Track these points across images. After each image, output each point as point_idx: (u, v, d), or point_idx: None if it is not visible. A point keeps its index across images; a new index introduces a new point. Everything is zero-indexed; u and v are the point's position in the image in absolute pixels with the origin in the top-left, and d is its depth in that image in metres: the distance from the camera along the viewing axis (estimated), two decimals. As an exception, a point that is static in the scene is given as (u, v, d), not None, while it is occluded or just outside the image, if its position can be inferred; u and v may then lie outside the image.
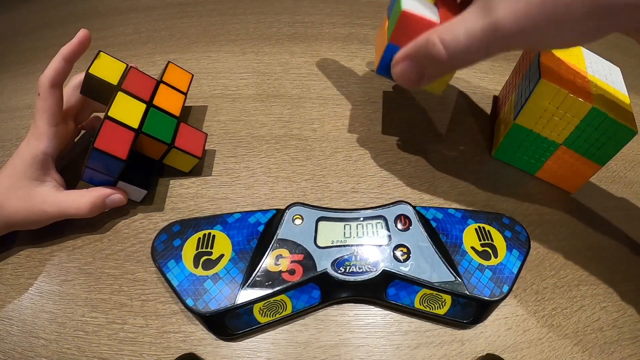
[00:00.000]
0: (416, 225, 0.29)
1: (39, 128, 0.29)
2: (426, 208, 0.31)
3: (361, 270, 0.27)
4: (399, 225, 0.28)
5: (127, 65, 0.32)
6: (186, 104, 0.36)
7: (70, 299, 0.28)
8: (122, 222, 0.31)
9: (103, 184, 0.30)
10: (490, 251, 0.29)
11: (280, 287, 0.26)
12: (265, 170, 0.34)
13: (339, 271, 0.27)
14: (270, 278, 0.26)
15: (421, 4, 0.28)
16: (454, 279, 0.27)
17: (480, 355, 0.26)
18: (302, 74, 0.42)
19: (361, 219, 0.29)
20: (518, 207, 0.34)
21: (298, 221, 0.28)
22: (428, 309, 0.27)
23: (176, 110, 0.32)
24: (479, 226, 0.30)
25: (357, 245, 0.28)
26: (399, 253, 0.27)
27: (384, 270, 0.27)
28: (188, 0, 0.52)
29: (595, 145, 0.30)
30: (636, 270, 0.31)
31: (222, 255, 0.27)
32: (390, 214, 0.29)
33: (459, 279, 0.27)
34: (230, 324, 0.26)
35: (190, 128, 0.33)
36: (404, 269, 0.27)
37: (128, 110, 0.29)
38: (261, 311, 0.26)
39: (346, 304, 0.28)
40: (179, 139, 0.31)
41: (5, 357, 0.26)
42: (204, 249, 0.28)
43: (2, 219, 0.28)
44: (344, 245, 0.28)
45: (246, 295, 0.26)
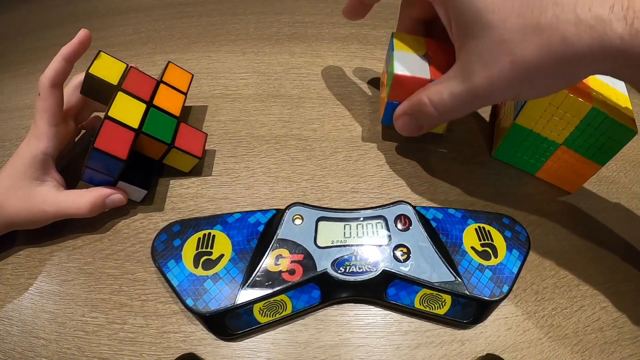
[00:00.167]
0: (416, 225, 0.29)
1: (39, 128, 0.28)
2: (426, 208, 0.31)
3: (361, 270, 0.27)
4: (399, 225, 0.29)
5: (127, 65, 0.32)
6: (186, 104, 0.36)
7: (70, 299, 0.28)
8: (122, 222, 0.31)
9: (103, 184, 0.30)
10: (490, 251, 0.29)
11: (280, 287, 0.26)
12: (265, 170, 0.34)
13: (339, 271, 0.27)
14: (270, 278, 0.26)
15: (412, 62, 0.31)
16: (454, 279, 0.27)
17: (480, 355, 0.26)
18: (302, 74, 0.42)
19: (361, 219, 0.29)
20: (518, 207, 0.34)
21: (298, 221, 0.28)
22: (428, 309, 0.27)
23: (176, 110, 0.32)
24: (479, 226, 0.30)
25: (357, 245, 0.28)
26: (399, 253, 0.27)
27: (384, 270, 0.27)
28: (188, 0, 0.52)
29: (595, 145, 0.30)
30: (636, 270, 0.31)
31: (222, 255, 0.27)
32: (390, 214, 0.29)
33: (459, 279, 0.27)
34: (230, 324, 0.26)
35: (190, 128, 0.33)
36: (404, 269, 0.27)
37: (128, 110, 0.29)
38: (261, 311, 0.26)
39: (346, 304, 0.28)
40: (179, 139, 0.31)
41: (5, 357, 0.26)
42: (204, 249, 0.28)
43: (2, 218, 0.28)
44: (344, 245, 0.28)
45: (246, 295, 0.26)
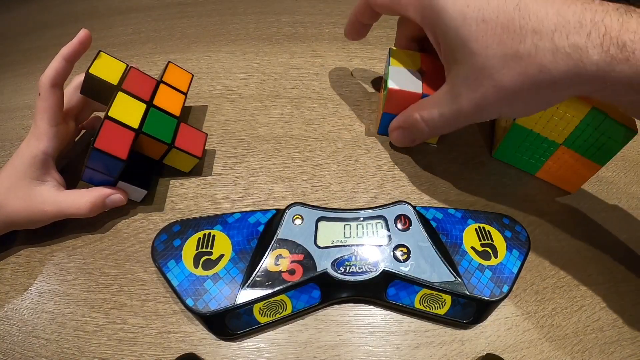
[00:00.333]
0: (416, 225, 0.29)
1: (40, 128, 0.28)
2: (426, 208, 0.31)
3: (361, 270, 0.27)
4: (399, 225, 0.28)
5: (127, 65, 0.32)
6: (186, 104, 0.36)
7: (70, 299, 0.28)
8: (122, 222, 0.31)
9: (103, 184, 0.30)
10: (490, 251, 0.29)
11: (280, 287, 0.26)
12: (265, 170, 0.34)
13: (339, 271, 0.27)
14: (270, 278, 0.26)
15: (406, 77, 0.33)
16: (454, 279, 0.27)
17: (480, 355, 0.26)
18: (302, 74, 0.42)
19: (361, 219, 0.29)
20: (518, 207, 0.34)
21: (298, 221, 0.28)
22: (428, 309, 0.27)
23: (176, 110, 0.32)
24: (479, 226, 0.30)
25: (357, 245, 0.28)
26: (399, 253, 0.27)
27: (384, 270, 0.27)
28: (188, 0, 0.52)
29: (595, 145, 0.30)
30: (636, 270, 0.31)
31: (222, 255, 0.27)
32: (390, 214, 0.29)
33: (459, 279, 0.27)
34: (230, 324, 0.26)
35: (190, 128, 0.33)
36: (404, 269, 0.27)
37: (128, 110, 0.29)
38: (261, 311, 0.26)
39: (346, 304, 0.28)
40: (179, 139, 0.31)
41: (5, 357, 0.26)
42: (204, 249, 0.28)
43: (2, 218, 0.28)
44: (344, 245, 0.28)
45: (246, 295, 0.26)
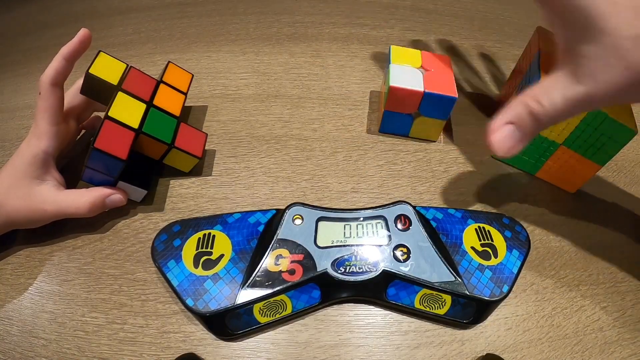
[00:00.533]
0: (416, 225, 0.29)
1: (40, 127, 0.29)
2: (426, 208, 0.31)
3: (361, 270, 0.27)
4: (399, 225, 0.28)
5: (127, 65, 0.32)
6: (186, 104, 0.36)
7: (70, 299, 0.28)
8: (122, 222, 0.31)
9: (103, 184, 0.30)
10: (490, 251, 0.29)
11: (280, 287, 0.26)
12: (265, 170, 0.34)
13: (339, 271, 0.27)
14: (270, 278, 0.26)
15: (407, 74, 0.33)
16: (454, 279, 0.27)
17: (480, 355, 0.26)
18: (302, 74, 0.42)
19: (361, 219, 0.29)
20: (518, 207, 0.34)
21: (298, 221, 0.28)
22: (428, 309, 0.27)
23: (176, 110, 0.32)
24: (479, 226, 0.30)
25: (357, 245, 0.28)
26: (399, 253, 0.27)
27: (384, 270, 0.27)
28: (188, 0, 0.52)
29: (595, 145, 0.30)
30: (636, 270, 0.31)
31: (222, 255, 0.27)
32: (390, 214, 0.29)
33: (459, 279, 0.27)
34: (230, 324, 0.26)
35: (191, 128, 0.33)
36: (404, 269, 0.27)
37: (128, 110, 0.29)
38: (261, 311, 0.26)
39: (346, 304, 0.28)
40: (179, 139, 0.31)
41: (5, 357, 0.26)
42: (204, 249, 0.28)
43: (2, 217, 0.28)
44: (344, 245, 0.28)
45: (246, 295, 0.26)
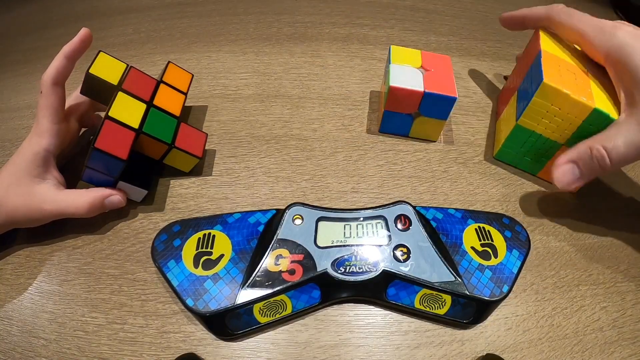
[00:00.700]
0: (416, 225, 0.29)
1: (42, 125, 0.29)
2: (426, 208, 0.31)
3: (361, 270, 0.27)
4: (399, 225, 0.28)
5: (127, 65, 0.32)
6: (186, 104, 0.36)
7: (70, 299, 0.28)
8: (122, 222, 0.31)
9: (103, 184, 0.30)
10: (490, 251, 0.29)
11: (280, 287, 0.26)
12: (265, 170, 0.34)
13: (339, 271, 0.27)
14: (270, 278, 0.26)
15: (407, 75, 0.33)
16: (454, 279, 0.27)
17: (480, 355, 0.26)
18: (302, 74, 0.42)
19: (361, 219, 0.29)
20: (518, 207, 0.34)
21: (298, 221, 0.28)
22: (428, 309, 0.27)
23: (176, 110, 0.32)
24: (479, 226, 0.30)
25: (357, 245, 0.28)
26: (399, 253, 0.27)
27: (384, 270, 0.27)
28: (188, 0, 0.52)
29: None
30: (636, 270, 0.31)
31: (222, 255, 0.27)
32: (390, 214, 0.29)
33: (459, 279, 0.27)
34: (230, 324, 0.26)
35: (191, 128, 0.33)
36: (404, 269, 0.27)
37: (128, 110, 0.29)
38: (261, 311, 0.26)
39: (346, 304, 0.28)
40: (179, 139, 0.31)
41: (5, 357, 0.26)
42: (204, 249, 0.28)
43: (2, 216, 0.28)
44: (344, 245, 0.28)
45: (246, 295, 0.26)
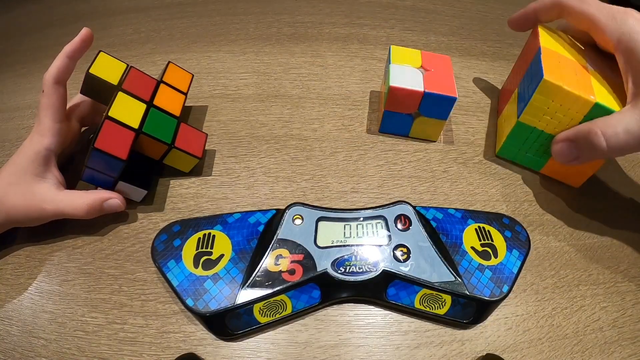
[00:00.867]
0: (416, 225, 0.29)
1: (43, 124, 0.29)
2: (426, 208, 0.31)
3: (361, 270, 0.27)
4: (399, 225, 0.28)
5: (128, 65, 0.32)
6: (186, 104, 0.36)
7: (70, 299, 0.28)
8: (122, 222, 0.31)
9: (103, 184, 0.30)
10: (490, 251, 0.29)
11: (280, 287, 0.26)
12: (265, 170, 0.34)
13: (339, 271, 0.27)
14: (270, 278, 0.26)
15: (407, 75, 0.33)
16: (454, 279, 0.27)
17: (480, 355, 0.26)
18: (302, 74, 0.42)
19: (361, 219, 0.29)
20: (518, 207, 0.34)
21: (298, 221, 0.28)
22: (428, 309, 0.27)
23: (176, 111, 0.32)
24: (479, 226, 0.30)
25: (357, 245, 0.28)
26: (399, 253, 0.27)
27: (384, 270, 0.27)
28: (188, 0, 0.52)
29: None
30: (636, 270, 0.31)
31: (222, 255, 0.27)
32: (390, 214, 0.29)
33: (459, 279, 0.27)
34: (230, 324, 0.26)
35: (191, 128, 0.33)
36: (404, 269, 0.27)
37: (128, 110, 0.29)
38: (261, 311, 0.26)
39: (346, 304, 0.28)
40: (179, 139, 0.31)
41: (5, 357, 0.26)
42: (204, 249, 0.28)
43: (2, 214, 0.28)
44: (344, 245, 0.28)
45: (246, 295, 0.26)
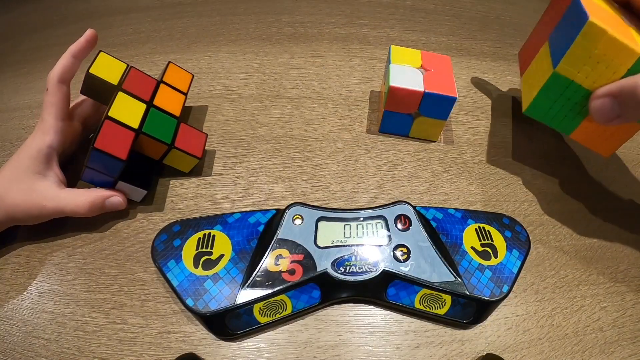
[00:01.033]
0: (416, 225, 0.29)
1: (46, 122, 0.29)
2: (426, 208, 0.31)
3: (361, 270, 0.27)
4: (399, 225, 0.28)
5: (128, 65, 0.32)
6: (186, 104, 0.36)
7: (70, 299, 0.28)
8: (122, 222, 0.31)
9: (103, 184, 0.30)
10: (490, 251, 0.29)
11: (280, 287, 0.26)
12: (265, 170, 0.34)
13: (339, 271, 0.27)
14: (270, 278, 0.26)
15: (407, 75, 0.33)
16: (454, 279, 0.27)
17: (480, 355, 0.26)
18: (302, 74, 0.42)
19: (361, 219, 0.29)
20: (518, 207, 0.34)
21: (298, 221, 0.28)
22: (428, 309, 0.27)
23: (176, 111, 0.32)
24: (479, 226, 0.30)
25: (357, 245, 0.28)
26: (399, 253, 0.27)
27: (384, 270, 0.27)
28: (188, 0, 0.52)
29: None
30: (636, 270, 0.31)
31: (222, 255, 0.27)
32: (390, 214, 0.29)
33: (459, 279, 0.27)
34: (230, 324, 0.26)
35: (191, 128, 0.33)
36: (404, 269, 0.27)
37: (128, 110, 0.29)
38: (261, 311, 0.26)
39: (346, 304, 0.28)
40: (179, 139, 0.31)
41: (5, 357, 0.26)
42: (204, 249, 0.28)
43: (2, 211, 0.28)
44: (344, 245, 0.28)
45: (246, 295, 0.26)
